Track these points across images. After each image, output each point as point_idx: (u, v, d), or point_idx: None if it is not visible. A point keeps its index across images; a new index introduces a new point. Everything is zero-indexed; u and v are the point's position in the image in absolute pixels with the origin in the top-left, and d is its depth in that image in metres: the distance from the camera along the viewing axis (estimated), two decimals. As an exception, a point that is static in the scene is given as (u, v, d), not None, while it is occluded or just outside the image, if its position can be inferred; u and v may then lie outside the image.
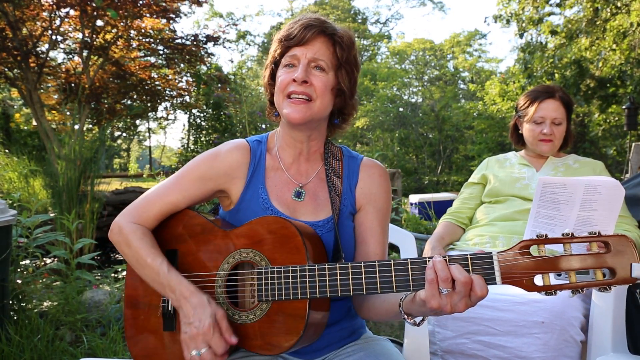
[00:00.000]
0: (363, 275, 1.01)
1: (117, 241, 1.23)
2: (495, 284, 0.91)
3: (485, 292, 0.90)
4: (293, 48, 1.20)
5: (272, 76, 1.27)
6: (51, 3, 9.32)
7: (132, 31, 10.65)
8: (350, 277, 1.02)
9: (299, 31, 1.18)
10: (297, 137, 1.27)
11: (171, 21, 10.71)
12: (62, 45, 10.83)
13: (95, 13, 9.49)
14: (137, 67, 11.58)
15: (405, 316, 1.04)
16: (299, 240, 1.08)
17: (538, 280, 0.89)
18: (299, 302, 1.06)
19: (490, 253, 0.91)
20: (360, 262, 1.02)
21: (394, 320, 1.07)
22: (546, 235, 0.90)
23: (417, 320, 1.04)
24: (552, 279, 0.89)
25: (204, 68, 11.20)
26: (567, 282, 0.88)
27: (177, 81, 12.32)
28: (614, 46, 10.94)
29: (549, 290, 0.88)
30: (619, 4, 10.55)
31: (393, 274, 0.99)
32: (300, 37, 1.18)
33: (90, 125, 11.47)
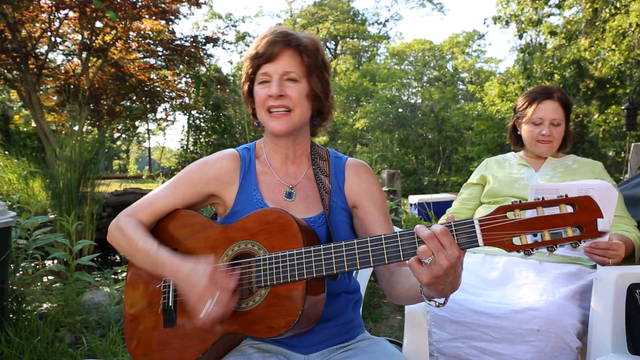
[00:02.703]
0: (357, 251, 1.06)
1: (114, 236, 1.30)
2: (478, 245, 0.97)
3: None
4: (264, 65, 1.26)
5: (250, 92, 1.34)
6: (50, 5, 9.34)
7: (132, 32, 10.67)
8: (345, 253, 1.07)
9: (265, 49, 1.25)
10: (282, 143, 1.35)
11: (170, 23, 10.73)
12: (61, 47, 10.88)
13: (94, 15, 9.51)
14: (136, 68, 11.60)
15: (427, 300, 1.08)
16: (295, 228, 1.13)
17: (516, 241, 0.97)
18: (296, 284, 1.10)
19: (472, 219, 0.99)
20: (353, 240, 1.08)
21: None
22: (520, 201, 0.98)
23: (440, 301, 1.08)
24: (529, 240, 0.97)
25: (203, 69, 11.22)
26: (542, 241, 0.96)
27: (176, 82, 12.36)
28: (613, 46, 10.96)
29: (526, 248, 0.96)
30: (618, 5, 10.57)
31: (384, 246, 1.04)
32: (267, 54, 1.24)
33: (90, 127, 11.49)
